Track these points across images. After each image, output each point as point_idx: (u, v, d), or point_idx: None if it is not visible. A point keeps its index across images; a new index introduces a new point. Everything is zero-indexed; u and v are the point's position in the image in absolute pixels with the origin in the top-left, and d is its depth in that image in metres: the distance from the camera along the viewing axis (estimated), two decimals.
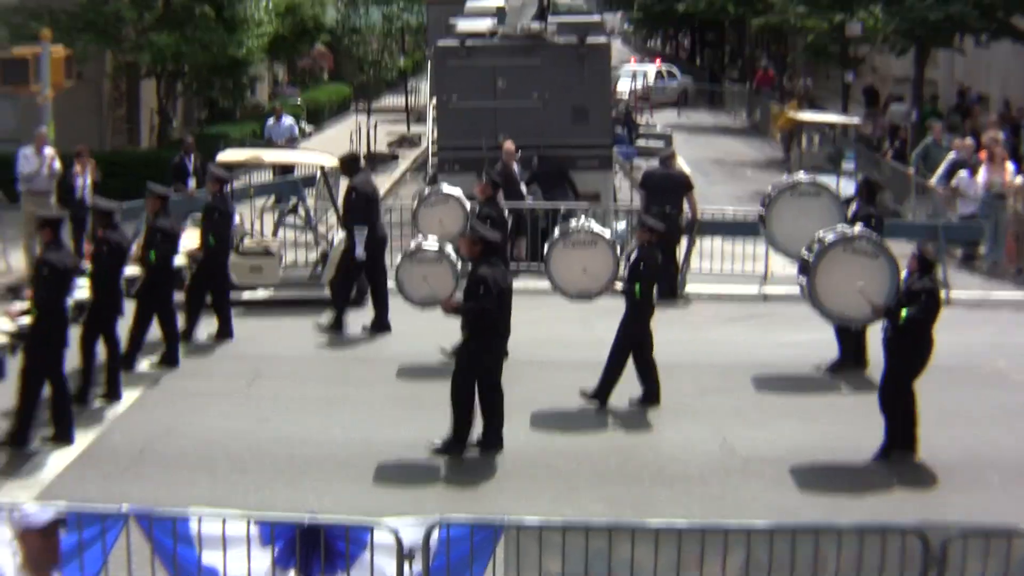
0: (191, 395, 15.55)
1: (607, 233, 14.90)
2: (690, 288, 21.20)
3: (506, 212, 17.75)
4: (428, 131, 28.86)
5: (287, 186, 23.37)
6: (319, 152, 24.91)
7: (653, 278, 14.70)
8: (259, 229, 23.41)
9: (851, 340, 16.33)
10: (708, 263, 22.27)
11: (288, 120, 32.09)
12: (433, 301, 13.73)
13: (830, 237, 13.48)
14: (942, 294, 13.36)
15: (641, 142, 38.19)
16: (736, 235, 21.69)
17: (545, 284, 15.07)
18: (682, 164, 25.36)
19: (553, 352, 17.20)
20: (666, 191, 20.33)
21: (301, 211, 22.11)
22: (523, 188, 22.35)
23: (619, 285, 14.63)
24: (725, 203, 25.88)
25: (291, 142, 31.19)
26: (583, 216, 16.29)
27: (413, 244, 14.31)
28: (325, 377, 16.41)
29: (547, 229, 20.06)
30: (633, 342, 14.67)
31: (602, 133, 23.55)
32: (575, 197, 23.13)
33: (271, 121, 32.03)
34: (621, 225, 22.97)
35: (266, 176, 27.55)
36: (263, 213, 24.05)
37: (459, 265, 13.93)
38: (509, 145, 21.92)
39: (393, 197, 30.48)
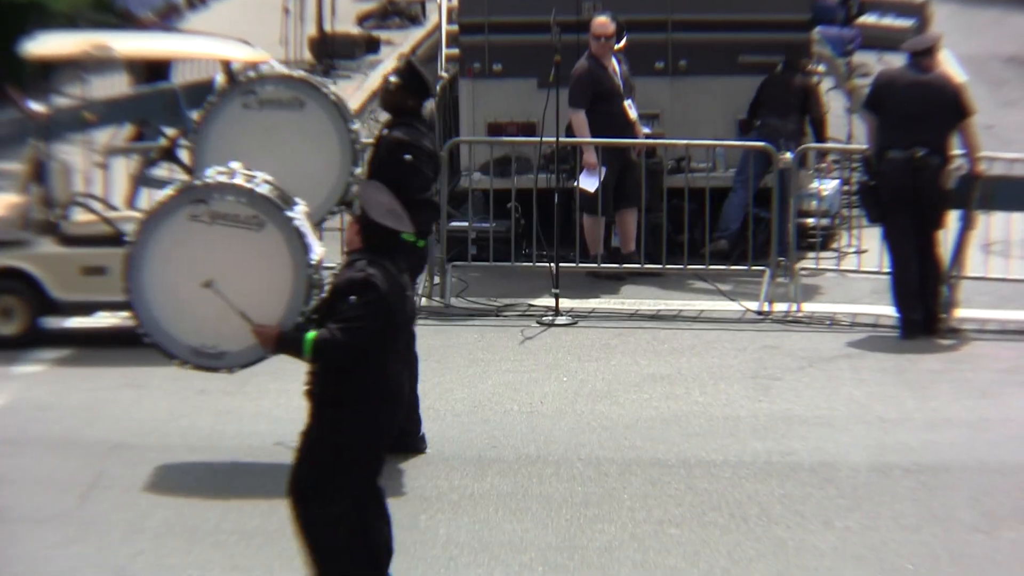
0: None
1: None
2: (966, 312, 16.64)
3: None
4: None
5: (157, 104, 19.17)
6: (221, 37, 19.63)
7: None
8: (102, 189, 18.74)
9: None
10: (1003, 264, 17.60)
11: None
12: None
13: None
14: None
15: (869, 18, 31.89)
16: None
17: None
18: (950, 64, 22.39)
19: None
20: (918, 117, 16.08)
21: (184, 155, 17.18)
22: (632, 110, 17.70)
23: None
24: None
25: (167, 16, 27.17)
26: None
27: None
28: None
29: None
30: None
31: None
32: (739, 128, 18.49)
33: None
34: (831, 184, 18.15)
35: (118, 84, 22.01)
36: (109, 157, 19.33)
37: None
38: (603, 24, 17.64)
39: (368, 126, 24.35)
